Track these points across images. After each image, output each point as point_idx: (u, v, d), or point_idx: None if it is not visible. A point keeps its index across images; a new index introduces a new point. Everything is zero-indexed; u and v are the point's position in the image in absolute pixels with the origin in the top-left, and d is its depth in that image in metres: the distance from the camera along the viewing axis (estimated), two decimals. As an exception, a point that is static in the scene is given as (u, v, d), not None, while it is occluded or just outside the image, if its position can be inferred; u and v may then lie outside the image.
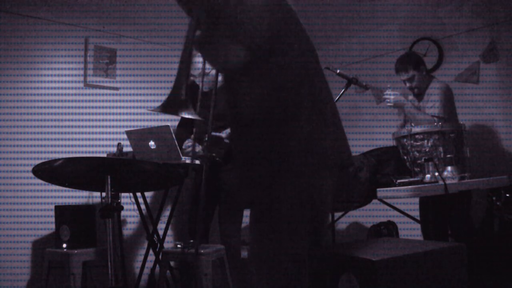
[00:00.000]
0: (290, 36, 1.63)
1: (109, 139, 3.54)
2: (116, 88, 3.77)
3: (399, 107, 3.28)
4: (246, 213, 3.32)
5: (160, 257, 3.06)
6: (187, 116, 1.51)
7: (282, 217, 1.63)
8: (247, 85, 1.68)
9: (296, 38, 1.67)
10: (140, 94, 3.88)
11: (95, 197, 3.49)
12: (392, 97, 3.24)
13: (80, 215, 3.07)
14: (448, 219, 3.17)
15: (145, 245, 3.38)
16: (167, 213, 3.38)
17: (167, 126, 2.82)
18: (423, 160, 2.77)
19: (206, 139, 2.98)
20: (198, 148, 3.10)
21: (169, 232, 3.32)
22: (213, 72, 3.32)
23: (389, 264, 1.34)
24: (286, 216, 1.63)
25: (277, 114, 1.63)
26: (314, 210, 1.66)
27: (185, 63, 1.54)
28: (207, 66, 3.21)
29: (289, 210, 1.62)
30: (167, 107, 1.50)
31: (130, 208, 3.31)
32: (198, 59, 3.24)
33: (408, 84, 3.28)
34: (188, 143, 3.20)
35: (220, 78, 3.25)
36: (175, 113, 1.51)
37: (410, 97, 3.38)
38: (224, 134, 3.10)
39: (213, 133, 2.48)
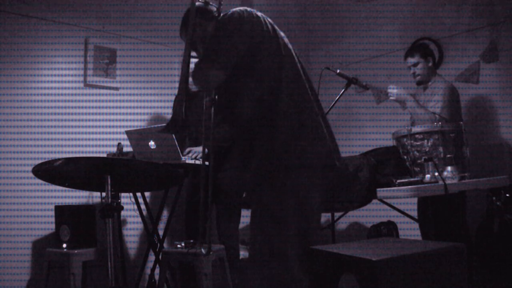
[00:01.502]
0: (265, 47, 1.79)
1: (109, 139, 3.54)
2: (116, 88, 3.77)
3: (401, 101, 3.30)
4: (245, 213, 3.32)
5: (160, 257, 3.06)
6: (186, 132, 1.67)
7: (270, 217, 1.66)
8: (248, 86, 1.72)
9: (272, 47, 1.80)
10: (140, 94, 3.88)
11: (95, 197, 3.49)
12: (395, 90, 3.26)
13: (80, 215, 3.07)
14: (445, 220, 3.18)
15: (145, 245, 3.38)
16: (167, 213, 3.39)
17: (167, 126, 2.82)
18: (423, 160, 2.76)
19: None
20: (198, 149, 3.10)
21: (169, 232, 3.32)
22: None
23: (389, 264, 1.34)
24: (274, 217, 1.66)
25: (265, 115, 1.74)
26: (302, 211, 1.69)
27: (183, 86, 1.68)
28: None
29: (276, 210, 1.66)
30: (171, 128, 1.73)
31: (130, 208, 3.31)
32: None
33: (412, 70, 3.35)
34: (190, 153, 3.19)
35: None
36: (178, 132, 1.68)
37: (414, 93, 3.39)
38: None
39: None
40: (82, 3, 3.60)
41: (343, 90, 3.06)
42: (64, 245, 2.97)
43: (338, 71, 3.03)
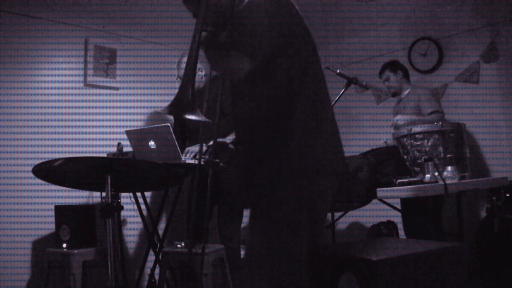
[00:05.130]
0: (296, 41, 1.64)
1: (109, 139, 3.54)
2: (116, 88, 3.77)
3: (408, 123, 3.36)
4: (246, 213, 3.32)
5: (160, 257, 3.06)
6: (193, 118, 1.49)
7: (281, 218, 1.64)
8: (248, 85, 1.69)
9: (302, 42, 1.67)
10: (140, 94, 3.88)
11: (95, 197, 3.49)
12: (399, 117, 3.42)
13: (80, 215, 3.07)
14: (422, 220, 3.25)
15: (145, 245, 3.38)
16: (167, 213, 3.39)
17: (167, 126, 2.82)
18: (423, 160, 2.77)
19: (210, 143, 2.99)
20: (195, 149, 3.09)
21: (169, 232, 3.32)
22: (200, 72, 3.34)
23: (389, 264, 1.34)
24: (285, 217, 1.63)
25: (275, 116, 1.64)
26: (313, 212, 1.67)
27: (191, 66, 1.54)
28: (197, 65, 3.25)
29: (288, 211, 1.63)
30: (173, 109, 1.49)
31: (130, 208, 3.31)
32: (185, 59, 3.26)
33: (385, 84, 3.67)
34: (188, 153, 3.17)
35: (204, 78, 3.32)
36: (181, 115, 1.49)
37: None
38: (229, 140, 3.08)
39: (218, 139, 2.43)
40: (82, 3, 3.60)
41: (343, 90, 3.06)
42: (64, 245, 2.97)
43: (338, 71, 3.03)
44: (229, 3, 1.67)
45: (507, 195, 3.02)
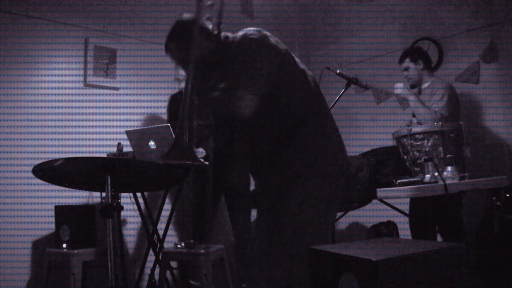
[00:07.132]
0: (290, 68, 1.78)
1: (109, 139, 3.54)
2: (116, 88, 3.77)
3: (404, 97, 3.31)
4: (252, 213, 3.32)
5: (160, 257, 3.06)
6: (191, 162, 1.62)
7: (289, 218, 1.66)
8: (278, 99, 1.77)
9: (293, 67, 1.80)
10: (140, 94, 3.88)
11: (95, 197, 3.49)
12: (401, 84, 3.31)
13: (80, 215, 3.07)
14: (437, 219, 3.22)
15: (145, 245, 3.38)
16: (167, 213, 3.39)
17: (167, 126, 2.82)
18: (423, 160, 2.77)
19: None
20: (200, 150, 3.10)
21: (169, 232, 3.32)
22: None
23: (389, 264, 1.34)
24: (292, 217, 1.66)
25: (282, 123, 1.75)
26: (325, 219, 1.72)
27: (186, 114, 1.61)
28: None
29: (296, 212, 1.66)
30: (171, 156, 1.60)
31: (130, 208, 3.31)
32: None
33: (405, 73, 3.42)
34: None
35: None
36: (179, 160, 1.61)
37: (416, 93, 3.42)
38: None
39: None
40: (82, 3, 3.60)
41: (343, 90, 3.06)
42: (64, 245, 2.97)
43: (338, 71, 3.03)
44: (214, 45, 1.77)
45: (507, 195, 3.02)
